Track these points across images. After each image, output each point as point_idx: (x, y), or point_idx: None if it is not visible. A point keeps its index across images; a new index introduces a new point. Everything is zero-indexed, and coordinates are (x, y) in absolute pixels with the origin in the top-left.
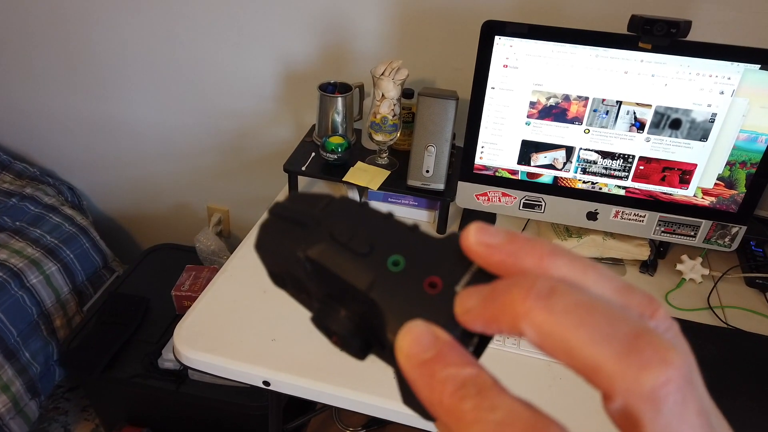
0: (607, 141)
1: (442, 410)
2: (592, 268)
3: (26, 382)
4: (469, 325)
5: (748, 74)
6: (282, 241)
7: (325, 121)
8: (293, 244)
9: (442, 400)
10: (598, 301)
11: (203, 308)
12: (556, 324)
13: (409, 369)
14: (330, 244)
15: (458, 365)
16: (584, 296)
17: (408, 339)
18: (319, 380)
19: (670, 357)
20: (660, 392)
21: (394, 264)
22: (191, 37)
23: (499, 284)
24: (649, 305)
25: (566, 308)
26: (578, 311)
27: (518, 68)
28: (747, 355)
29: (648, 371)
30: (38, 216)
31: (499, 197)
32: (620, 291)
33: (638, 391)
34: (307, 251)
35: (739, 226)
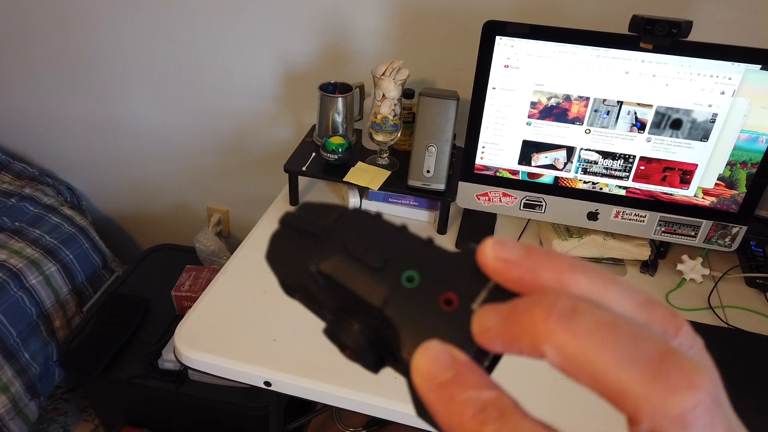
0: (607, 141)
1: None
2: (613, 282)
3: (26, 383)
4: (488, 345)
5: (748, 74)
6: (294, 253)
7: (326, 121)
8: (305, 256)
9: (463, 424)
10: (622, 320)
11: (204, 308)
12: (580, 346)
13: (427, 390)
14: (343, 257)
15: (478, 387)
16: (607, 315)
17: (425, 360)
18: (320, 380)
19: (698, 380)
20: (689, 416)
21: (409, 280)
22: (191, 37)
23: (520, 303)
24: (672, 322)
25: (589, 329)
26: (602, 331)
27: (519, 68)
28: (748, 355)
29: (676, 396)
30: (37, 216)
31: (499, 197)
32: (642, 306)
33: (666, 415)
34: (319, 265)
35: (740, 226)
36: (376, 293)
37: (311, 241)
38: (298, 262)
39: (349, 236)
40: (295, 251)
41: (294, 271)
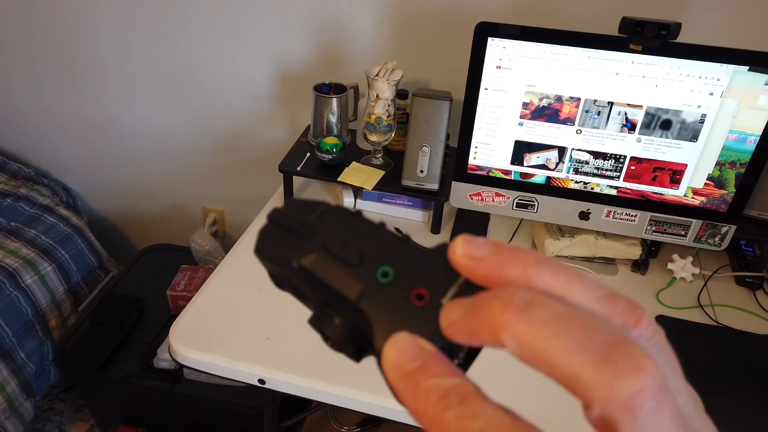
0: (598, 141)
1: (427, 419)
2: (577, 277)
3: (21, 382)
4: (454, 337)
5: (737, 75)
6: (278, 249)
7: (320, 122)
8: (288, 252)
9: (427, 410)
10: (576, 312)
11: (199, 307)
12: (534, 335)
13: (395, 379)
14: (322, 253)
15: (441, 375)
16: (562, 307)
17: (393, 350)
18: (314, 378)
19: (643, 365)
20: (635, 400)
21: (384, 275)
22: (187, 37)
23: (481, 297)
24: (632, 314)
25: (544, 319)
26: (556, 322)
27: (511, 69)
28: (736, 353)
29: (622, 380)
30: (33, 216)
31: (492, 197)
32: (604, 300)
33: (614, 399)
34: (300, 260)
35: (729, 226)
36: (352, 288)
37: (294, 238)
38: (282, 257)
39: (329, 233)
40: (280, 246)
41: (279, 265)
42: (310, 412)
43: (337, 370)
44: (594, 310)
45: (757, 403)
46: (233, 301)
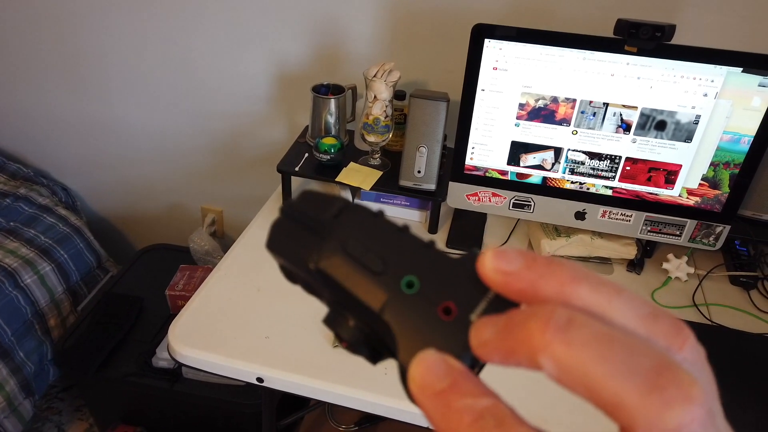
0: (594, 142)
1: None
2: (617, 293)
3: (20, 382)
4: (486, 357)
5: (730, 77)
6: (293, 246)
7: (318, 122)
8: (304, 251)
9: (460, 431)
10: (619, 333)
11: (198, 306)
12: (576, 358)
13: (423, 399)
14: (342, 257)
15: (475, 395)
16: (604, 327)
17: (421, 368)
18: (312, 376)
19: (693, 394)
20: (684, 430)
21: (408, 285)
22: (185, 38)
23: (516, 315)
24: (678, 335)
25: (585, 341)
26: (598, 344)
27: (507, 71)
28: (731, 352)
29: (672, 410)
30: (32, 216)
31: (489, 197)
32: (647, 319)
33: (662, 429)
34: (318, 263)
35: (723, 226)
36: (375, 297)
37: (310, 236)
38: (297, 256)
39: (349, 235)
40: (295, 244)
41: (293, 264)
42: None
43: (335, 368)
44: (636, 330)
45: (752, 401)
46: (232, 300)
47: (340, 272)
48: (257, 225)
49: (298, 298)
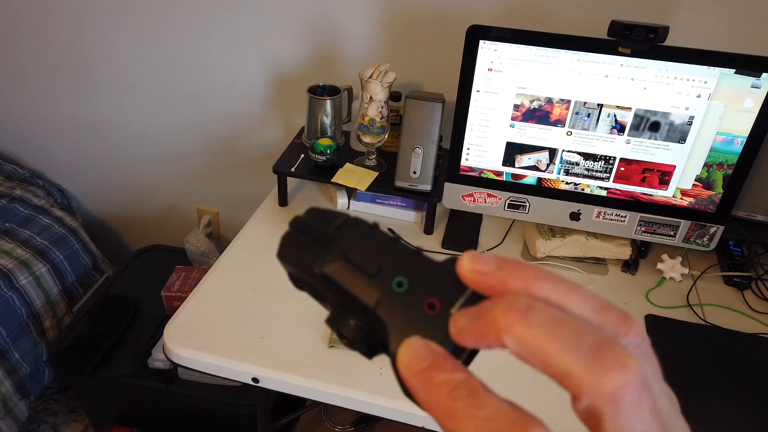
0: (588, 143)
1: (439, 410)
2: (574, 290)
3: (15, 383)
4: (462, 341)
5: (723, 78)
6: (301, 255)
7: (314, 123)
8: (311, 259)
9: (439, 401)
10: (569, 317)
11: (193, 307)
12: (532, 336)
13: (409, 376)
14: (343, 263)
15: (451, 371)
16: (557, 312)
17: (408, 352)
18: (307, 377)
19: (628, 363)
20: (619, 393)
21: (399, 285)
22: (181, 39)
23: (485, 304)
24: (623, 324)
25: (541, 322)
26: (551, 325)
27: (502, 72)
28: (725, 352)
29: (609, 375)
30: (28, 217)
31: (484, 198)
32: (598, 310)
33: (601, 392)
34: (323, 268)
35: (717, 226)
36: (370, 296)
37: (317, 246)
38: (304, 263)
39: (350, 244)
40: (303, 253)
41: (301, 270)
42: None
43: (331, 369)
44: (588, 319)
45: (745, 401)
46: (227, 300)
47: (341, 275)
48: (253, 226)
49: (293, 299)
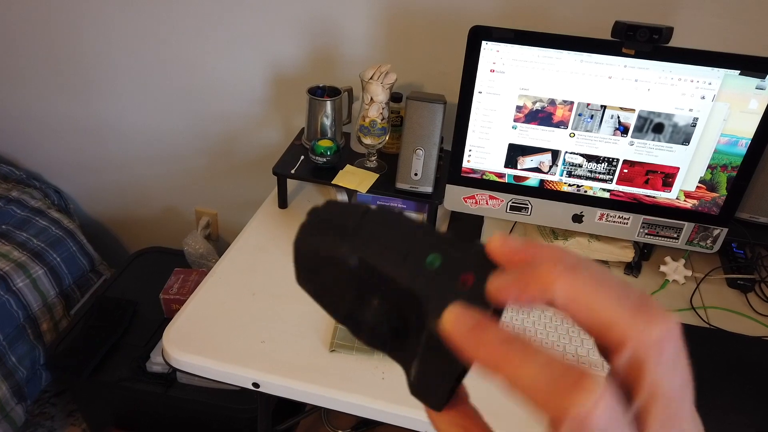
0: (591, 144)
1: (493, 361)
2: (599, 266)
3: (12, 387)
4: (502, 297)
5: (728, 79)
6: (325, 239)
7: (314, 125)
8: (335, 242)
9: (492, 352)
10: (611, 275)
11: (192, 311)
12: (581, 287)
13: (457, 337)
14: (375, 243)
15: (499, 329)
16: (601, 270)
17: (452, 315)
18: (308, 381)
19: (671, 316)
20: (663, 342)
21: (432, 263)
22: (180, 39)
23: (527, 265)
24: None
25: (588, 277)
26: (597, 280)
27: (505, 73)
28: (728, 355)
29: (655, 324)
30: (25, 219)
31: (486, 200)
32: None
33: (647, 339)
34: (354, 249)
35: (721, 228)
36: (404, 273)
37: (342, 230)
38: (327, 248)
39: (378, 227)
40: (327, 237)
41: (324, 253)
42: (303, 416)
43: (332, 373)
44: None
45: (749, 404)
46: (227, 304)
47: (373, 255)
48: (252, 228)
49: (293, 303)
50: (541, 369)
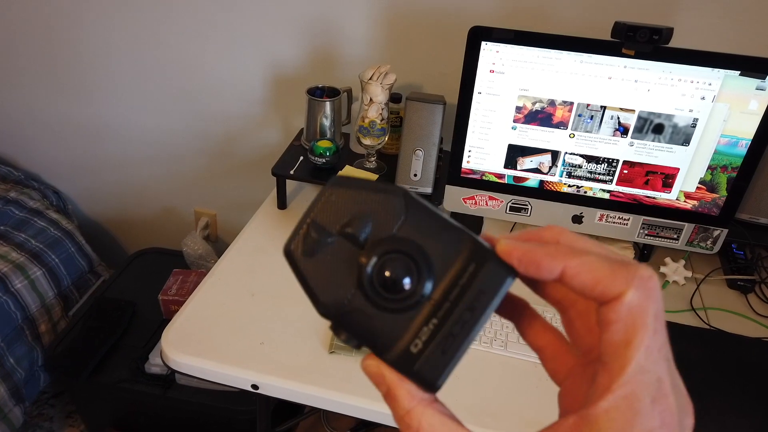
0: (591, 145)
1: (556, 257)
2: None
3: (10, 388)
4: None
5: (728, 80)
6: (360, 194)
7: (314, 125)
8: (371, 196)
9: (555, 251)
10: (602, 245)
11: (191, 312)
12: (584, 243)
13: (517, 249)
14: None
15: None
16: (593, 241)
17: (505, 240)
18: (307, 383)
19: (653, 270)
20: (649, 282)
21: None
22: (179, 40)
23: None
24: None
25: (587, 240)
26: (596, 244)
27: (504, 73)
28: (728, 356)
29: (643, 270)
30: (23, 220)
31: (486, 201)
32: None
33: (639, 279)
34: (404, 192)
35: (721, 229)
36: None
37: (378, 187)
38: (369, 193)
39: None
40: (360, 194)
41: (376, 194)
42: (303, 417)
43: (332, 375)
44: None
45: (749, 405)
46: (226, 305)
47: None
48: (252, 229)
49: (293, 304)
50: (599, 256)
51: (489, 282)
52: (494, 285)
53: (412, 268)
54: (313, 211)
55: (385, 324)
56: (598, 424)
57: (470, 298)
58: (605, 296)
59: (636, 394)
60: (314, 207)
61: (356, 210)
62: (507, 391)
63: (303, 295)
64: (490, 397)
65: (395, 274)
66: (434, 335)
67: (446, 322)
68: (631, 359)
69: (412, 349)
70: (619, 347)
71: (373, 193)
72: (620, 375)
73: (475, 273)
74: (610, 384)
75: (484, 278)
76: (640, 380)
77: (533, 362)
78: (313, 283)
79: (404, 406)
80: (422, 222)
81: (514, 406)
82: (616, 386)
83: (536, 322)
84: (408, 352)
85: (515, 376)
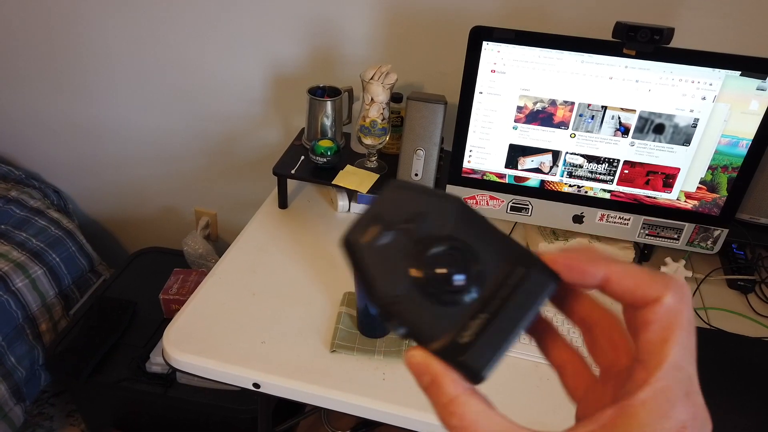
0: (592, 145)
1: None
2: None
3: (11, 387)
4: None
5: (729, 80)
6: (424, 192)
7: (315, 125)
8: (432, 196)
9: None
10: None
11: (192, 311)
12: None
13: (567, 258)
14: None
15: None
16: None
17: (557, 251)
18: (308, 382)
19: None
20: (684, 288)
21: None
22: (179, 39)
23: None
24: None
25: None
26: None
27: (505, 73)
28: (729, 356)
29: (679, 280)
30: (24, 219)
31: (487, 201)
32: None
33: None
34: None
35: (721, 229)
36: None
37: (436, 193)
38: (430, 192)
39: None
40: (420, 197)
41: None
42: (303, 416)
43: (333, 374)
44: None
45: (749, 405)
46: (227, 304)
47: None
48: (253, 228)
49: (294, 303)
50: (635, 265)
51: (536, 284)
52: (540, 287)
53: (466, 265)
54: (375, 207)
55: (435, 315)
56: (637, 414)
57: (518, 298)
58: (645, 299)
59: (671, 387)
60: (377, 203)
61: (416, 210)
62: (507, 391)
63: (304, 294)
64: (490, 396)
65: (450, 269)
66: (483, 329)
67: (495, 317)
68: (668, 355)
69: (459, 340)
70: (657, 345)
71: (432, 197)
72: (658, 369)
73: (523, 276)
74: (648, 377)
75: (532, 281)
76: (675, 375)
77: (534, 362)
78: (371, 272)
79: (449, 393)
80: (475, 227)
81: (515, 406)
82: (654, 380)
83: (559, 339)
84: (456, 343)
85: (515, 376)
